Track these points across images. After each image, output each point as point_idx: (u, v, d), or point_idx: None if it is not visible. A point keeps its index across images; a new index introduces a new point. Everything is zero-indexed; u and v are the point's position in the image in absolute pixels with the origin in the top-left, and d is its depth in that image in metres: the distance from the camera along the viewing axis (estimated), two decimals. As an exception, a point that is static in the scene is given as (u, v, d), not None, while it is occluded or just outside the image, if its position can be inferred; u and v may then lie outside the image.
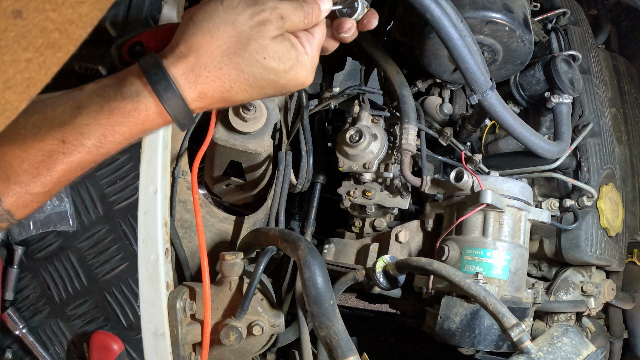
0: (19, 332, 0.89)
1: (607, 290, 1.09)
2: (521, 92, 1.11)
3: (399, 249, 1.07)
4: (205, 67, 0.57)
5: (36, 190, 0.55)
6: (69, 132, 0.54)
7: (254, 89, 0.60)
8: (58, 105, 0.56)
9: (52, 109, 0.55)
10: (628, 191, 1.20)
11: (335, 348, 0.71)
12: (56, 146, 0.54)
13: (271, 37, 0.58)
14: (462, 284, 0.76)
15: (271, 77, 0.59)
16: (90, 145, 0.55)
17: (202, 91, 0.57)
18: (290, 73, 0.60)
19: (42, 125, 0.55)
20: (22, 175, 0.54)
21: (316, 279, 0.76)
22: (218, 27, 0.57)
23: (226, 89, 0.58)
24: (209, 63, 0.57)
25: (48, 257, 0.90)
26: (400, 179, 1.09)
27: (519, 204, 0.95)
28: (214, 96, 0.59)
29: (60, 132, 0.54)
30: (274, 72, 0.59)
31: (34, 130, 0.54)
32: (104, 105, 0.55)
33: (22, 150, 0.54)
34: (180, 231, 1.08)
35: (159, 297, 0.86)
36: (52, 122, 0.54)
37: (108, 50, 0.93)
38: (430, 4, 0.78)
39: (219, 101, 0.60)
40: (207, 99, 0.58)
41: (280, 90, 0.62)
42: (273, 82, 0.60)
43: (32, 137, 0.54)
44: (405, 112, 1.04)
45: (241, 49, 0.57)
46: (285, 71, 0.60)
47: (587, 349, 0.75)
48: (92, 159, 0.56)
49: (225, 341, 0.89)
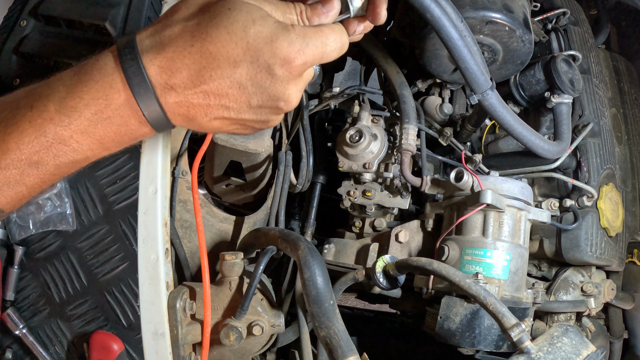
0: (19, 332, 0.89)
1: (607, 290, 1.09)
2: (521, 92, 1.11)
3: (399, 249, 1.07)
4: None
5: (10, 172, 0.52)
6: (36, 96, 0.53)
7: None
8: (42, 81, 0.55)
9: (36, 85, 0.55)
10: (628, 191, 1.20)
11: (335, 348, 0.71)
12: (23, 112, 0.52)
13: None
14: (462, 284, 0.76)
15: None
16: (52, 111, 0.51)
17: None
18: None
19: (20, 97, 0.54)
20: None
21: (316, 279, 0.76)
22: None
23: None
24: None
25: (48, 257, 0.90)
26: (400, 179, 1.09)
27: (519, 204, 0.95)
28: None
29: (30, 98, 0.53)
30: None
31: (13, 102, 0.54)
32: (77, 70, 0.54)
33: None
34: (180, 231, 1.08)
35: (159, 297, 0.86)
36: (28, 92, 0.54)
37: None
38: (430, 4, 0.78)
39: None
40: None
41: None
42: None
43: (10, 109, 0.53)
44: (405, 112, 1.04)
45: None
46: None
47: (587, 349, 0.75)
48: (56, 132, 0.52)
49: (225, 341, 0.89)
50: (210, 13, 0.53)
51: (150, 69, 0.52)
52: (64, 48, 0.94)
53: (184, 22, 0.54)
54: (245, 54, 0.52)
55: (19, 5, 1.02)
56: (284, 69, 0.54)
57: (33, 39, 0.97)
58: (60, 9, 0.96)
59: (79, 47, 0.94)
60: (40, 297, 0.90)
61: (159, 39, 0.53)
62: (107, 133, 0.54)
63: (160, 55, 0.52)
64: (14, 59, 0.97)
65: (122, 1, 0.95)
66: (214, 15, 0.53)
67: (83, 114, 0.52)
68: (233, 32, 0.52)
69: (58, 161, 0.54)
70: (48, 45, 0.96)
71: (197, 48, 0.52)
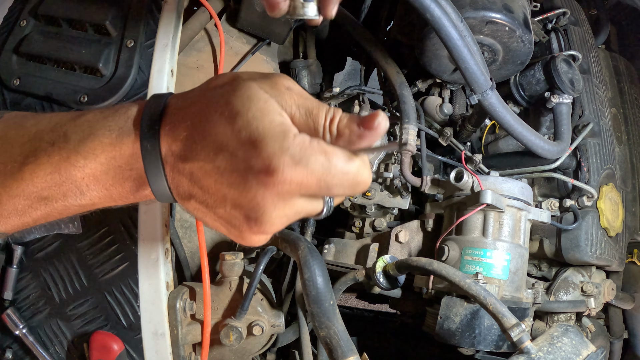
0: (19, 332, 0.89)
1: (607, 290, 1.09)
2: (521, 92, 1.11)
3: (399, 249, 1.07)
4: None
5: (19, 201, 0.53)
6: (61, 133, 0.52)
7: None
8: (68, 113, 0.55)
9: (61, 117, 0.55)
10: (628, 191, 1.20)
11: (335, 348, 0.71)
12: (44, 146, 0.52)
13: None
14: (462, 284, 0.76)
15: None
16: (71, 149, 0.50)
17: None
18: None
19: (44, 128, 0.54)
20: (9, 177, 0.52)
21: (316, 279, 0.76)
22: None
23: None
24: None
25: (48, 257, 0.90)
26: (400, 179, 1.09)
27: (519, 204, 0.95)
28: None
29: (54, 133, 0.52)
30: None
31: (37, 132, 0.53)
32: (103, 111, 0.53)
33: (18, 149, 0.52)
34: (180, 231, 1.08)
35: (159, 297, 0.86)
36: (53, 125, 0.53)
37: (108, 49, 0.93)
38: (430, 4, 0.78)
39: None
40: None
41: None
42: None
43: (31, 139, 0.53)
44: (405, 112, 1.04)
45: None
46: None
47: (587, 349, 0.75)
48: (70, 172, 0.50)
49: (225, 341, 0.89)
50: (219, 91, 0.48)
51: (162, 145, 0.49)
52: (64, 48, 0.94)
53: (201, 92, 0.50)
54: (229, 144, 0.45)
55: (19, 5, 1.02)
56: (259, 179, 0.44)
57: (33, 39, 0.97)
58: (60, 9, 0.96)
59: (79, 47, 0.94)
60: (40, 297, 0.90)
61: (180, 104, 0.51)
62: (116, 184, 0.52)
63: (168, 121, 0.50)
64: (14, 59, 0.97)
65: (122, 1, 0.95)
66: (220, 94, 0.48)
67: (98, 158, 0.51)
68: (229, 115, 0.45)
69: (67, 202, 0.53)
70: (48, 45, 0.96)
71: (192, 124, 0.48)
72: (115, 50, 0.93)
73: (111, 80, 0.92)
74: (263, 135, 0.44)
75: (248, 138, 0.44)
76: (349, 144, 0.46)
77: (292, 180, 0.43)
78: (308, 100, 0.48)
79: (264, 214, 0.46)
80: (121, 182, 0.52)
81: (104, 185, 0.52)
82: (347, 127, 0.46)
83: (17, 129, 0.54)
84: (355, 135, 0.46)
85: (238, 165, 0.45)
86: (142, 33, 0.94)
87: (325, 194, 0.48)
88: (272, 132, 0.44)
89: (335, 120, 0.47)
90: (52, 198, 0.53)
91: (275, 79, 0.48)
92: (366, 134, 0.45)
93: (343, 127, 0.46)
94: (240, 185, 0.45)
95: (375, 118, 0.45)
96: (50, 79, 0.94)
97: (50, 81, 0.94)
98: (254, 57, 1.23)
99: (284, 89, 0.47)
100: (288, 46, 1.36)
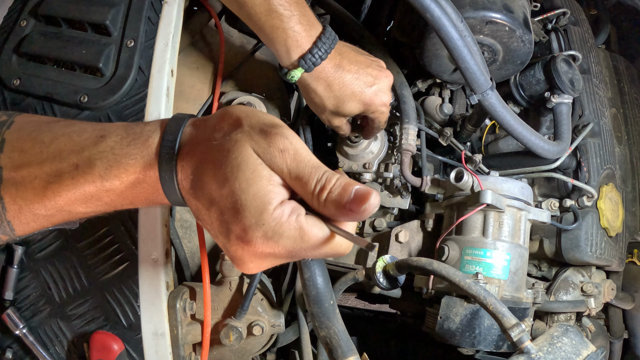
0: (19, 332, 0.89)
1: (607, 290, 1.09)
2: (521, 92, 1.11)
3: (399, 249, 1.07)
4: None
5: (38, 212, 0.55)
6: (84, 157, 0.54)
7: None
8: (85, 131, 0.56)
9: (78, 134, 0.56)
10: (628, 191, 1.20)
11: (335, 348, 0.71)
12: (68, 169, 0.54)
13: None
14: (462, 284, 0.76)
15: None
16: (96, 175, 0.53)
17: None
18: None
19: (64, 148, 0.55)
20: (30, 192, 0.54)
21: (316, 279, 0.76)
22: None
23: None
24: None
25: (48, 257, 0.90)
26: (400, 179, 1.09)
27: (519, 204, 0.95)
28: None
29: (77, 156, 0.54)
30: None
31: (57, 151, 0.55)
32: (124, 136, 0.55)
33: (39, 168, 0.54)
34: (180, 231, 1.08)
35: (159, 297, 0.86)
36: (74, 146, 0.55)
37: (108, 49, 0.93)
38: (430, 4, 0.78)
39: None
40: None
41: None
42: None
43: (52, 157, 0.54)
44: (405, 112, 1.04)
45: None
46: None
47: (587, 349, 0.75)
48: (94, 192, 0.54)
49: (225, 341, 0.89)
50: (218, 144, 0.51)
51: (177, 176, 0.54)
52: (64, 48, 0.94)
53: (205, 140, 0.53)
54: (219, 203, 0.50)
55: (19, 5, 1.02)
56: (238, 242, 0.49)
57: (33, 39, 0.97)
58: (60, 9, 0.96)
59: (79, 47, 0.94)
60: (41, 297, 0.90)
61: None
62: (138, 196, 0.56)
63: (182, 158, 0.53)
64: (14, 59, 0.97)
65: (122, 1, 0.95)
66: (218, 150, 0.51)
67: (123, 182, 0.54)
68: (220, 179, 0.49)
69: (89, 209, 0.57)
70: (48, 45, 0.96)
71: (196, 168, 0.52)
72: (115, 50, 0.93)
73: (111, 80, 0.92)
74: (244, 207, 0.48)
75: (232, 205, 0.48)
76: (334, 216, 0.49)
77: (262, 252, 0.49)
78: (301, 165, 0.49)
79: (243, 264, 0.52)
80: (142, 194, 0.56)
81: (126, 198, 0.56)
82: (333, 203, 0.48)
83: (34, 143, 0.56)
84: (340, 214, 0.48)
85: (224, 222, 0.50)
86: (142, 33, 0.94)
87: (299, 258, 0.53)
88: (252, 205, 0.48)
89: (325, 191, 0.48)
90: (75, 211, 0.56)
91: (272, 139, 0.50)
92: (351, 214, 0.47)
93: (330, 202, 0.48)
94: (225, 237, 0.51)
95: (363, 202, 0.46)
96: (50, 79, 0.94)
97: (50, 81, 0.94)
98: (254, 57, 1.23)
99: (277, 151, 0.49)
100: (288, 46, 1.35)
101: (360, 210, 0.46)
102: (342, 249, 0.51)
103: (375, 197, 0.46)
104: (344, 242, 0.51)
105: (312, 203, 0.50)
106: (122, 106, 0.91)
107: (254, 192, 0.48)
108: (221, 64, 1.14)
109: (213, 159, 0.50)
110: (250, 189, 0.48)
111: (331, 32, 0.87)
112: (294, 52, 0.85)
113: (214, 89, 1.16)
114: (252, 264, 0.52)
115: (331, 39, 0.86)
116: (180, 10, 0.97)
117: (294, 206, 0.49)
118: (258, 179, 0.48)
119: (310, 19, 0.85)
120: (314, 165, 0.49)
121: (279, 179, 0.50)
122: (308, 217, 0.49)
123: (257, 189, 0.48)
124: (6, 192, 0.54)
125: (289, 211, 0.48)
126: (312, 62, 0.85)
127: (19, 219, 0.55)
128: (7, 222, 0.56)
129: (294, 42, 0.84)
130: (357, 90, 0.89)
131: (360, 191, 0.47)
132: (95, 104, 0.91)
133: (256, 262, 0.52)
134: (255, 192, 0.48)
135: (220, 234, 0.51)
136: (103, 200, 0.55)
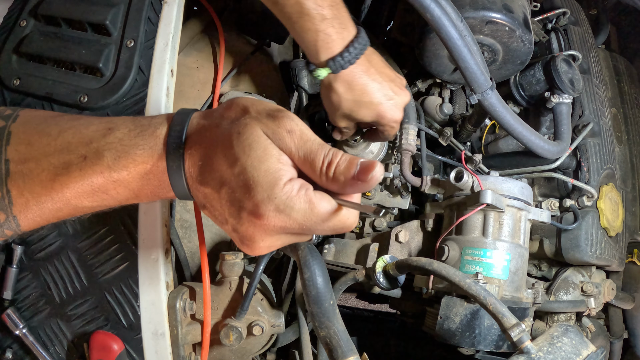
0: (19, 332, 0.89)
1: (607, 290, 1.09)
2: (521, 92, 1.11)
3: (399, 249, 1.07)
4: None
5: (45, 205, 0.55)
6: (93, 149, 0.55)
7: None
8: (92, 124, 0.57)
9: (86, 127, 0.56)
10: (628, 191, 1.20)
11: (335, 348, 0.71)
12: (76, 160, 0.54)
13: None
14: (462, 284, 0.76)
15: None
16: (104, 166, 0.54)
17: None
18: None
19: (72, 140, 0.55)
20: (37, 184, 0.54)
21: (316, 279, 0.76)
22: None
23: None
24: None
25: (48, 257, 0.90)
26: (400, 179, 1.09)
27: (519, 204, 0.95)
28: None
29: (85, 148, 0.55)
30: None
31: (64, 144, 0.55)
32: (132, 128, 0.56)
33: (46, 160, 0.54)
34: (180, 231, 1.08)
35: (159, 297, 0.86)
36: (82, 138, 0.55)
37: (107, 49, 0.93)
38: (430, 4, 0.78)
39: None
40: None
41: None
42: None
43: (59, 150, 0.55)
44: (405, 112, 1.04)
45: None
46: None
47: (587, 349, 0.75)
48: (102, 183, 0.55)
49: (225, 341, 0.89)
50: (227, 128, 0.53)
51: (185, 166, 0.55)
52: (64, 48, 0.94)
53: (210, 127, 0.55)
54: (230, 182, 0.52)
55: (19, 5, 1.02)
56: (249, 218, 0.52)
57: (33, 39, 0.97)
58: (60, 9, 0.96)
59: (78, 47, 0.94)
60: (41, 297, 0.90)
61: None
62: (144, 189, 0.57)
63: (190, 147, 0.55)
64: (14, 59, 0.97)
65: (122, 1, 0.95)
66: (228, 133, 0.53)
67: (130, 172, 0.55)
68: (231, 159, 0.52)
69: (95, 204, 0.57)
70: (48, 45, 0.96)
71: (205, 154, 0.54)
72: (115, 50, 0.93)
73: (111, 80, 0.92)
74: (256, 182, 0.50)
75: (244, 182, 0.51)
76: (342, 189, 0.52)
77: (275, 225, 0.51)
78: (308, 143, 0.52)
79: (254, 243, 0.54)
80: (148, 186, 0.57)
81: (133, 190, 0.57)
82: (342, 174, 0.51)
83: (41, 136, 0.56)
84: (348, 185, 0.51)
85: (235, 201, 0.52)
86: (142, 33, 0.94)
87: (309, 234, 0.55)
88: (264, 181, 0.50)
89: (333, 166, 0.51)
90: (81, 205, 0.57)
91: (279, 121, 0.52)
92: (358, 184, 0.50)
93: (339, 174, 0.51)
94: (236, 217, 0.53)
95: (369, 171, 0.50)
96: (50, 79, 0.94)
97: (50, 81, 0.94)
98: (254, 57, 1.23)
99: (285, 132, 0.52)
100: (288, 46, 1.36)
101: (367, 178, 0.49)
102: (350, 222, 0.54)
103: (380, 167, 0.50)
104: (351, 215, 0.53)
105: (321, 179, 0.52)
106: (122, 106, 0.91)
107: (265, 168, 0.50)
108: (221, 64, 1.14)
109: (223, 141, 0.52)
110: (262, 165, 0.50)
111: (364, 37, 0.86)
112: (323, 54, 0.84)
113: (214, 89, 1.16)
114: (262, 242, 0.53)
115: (362, 44, 0.85)
116: (180, 10, 0.97)
117: (303, 182, 0.52)
118: (269, 157, 0.51)
119: (344, 21, 0.84)
120: (320, 143, 0.52)
121: (287, 159, 0.52)
122: (316, 192, 0.52)
123: (268, 165, 0.50)
124: (13, 185, 0.55)
125: (298, 186, 0.51)
126: (340, 64, 0.84)
127: (25, 213, 0.56)
128: (13, 216, 0.56)
129: (324, 44, 0.83)
130: (376, 100, 0.89)
131: (365, 162, 0.50)
132: (95, 104, 0.91)
133: (267, 240, 0.53)
134: (266, 169, 0.50)
135: (231, 216, 0.53)
136: (110, 193, 0.56)
